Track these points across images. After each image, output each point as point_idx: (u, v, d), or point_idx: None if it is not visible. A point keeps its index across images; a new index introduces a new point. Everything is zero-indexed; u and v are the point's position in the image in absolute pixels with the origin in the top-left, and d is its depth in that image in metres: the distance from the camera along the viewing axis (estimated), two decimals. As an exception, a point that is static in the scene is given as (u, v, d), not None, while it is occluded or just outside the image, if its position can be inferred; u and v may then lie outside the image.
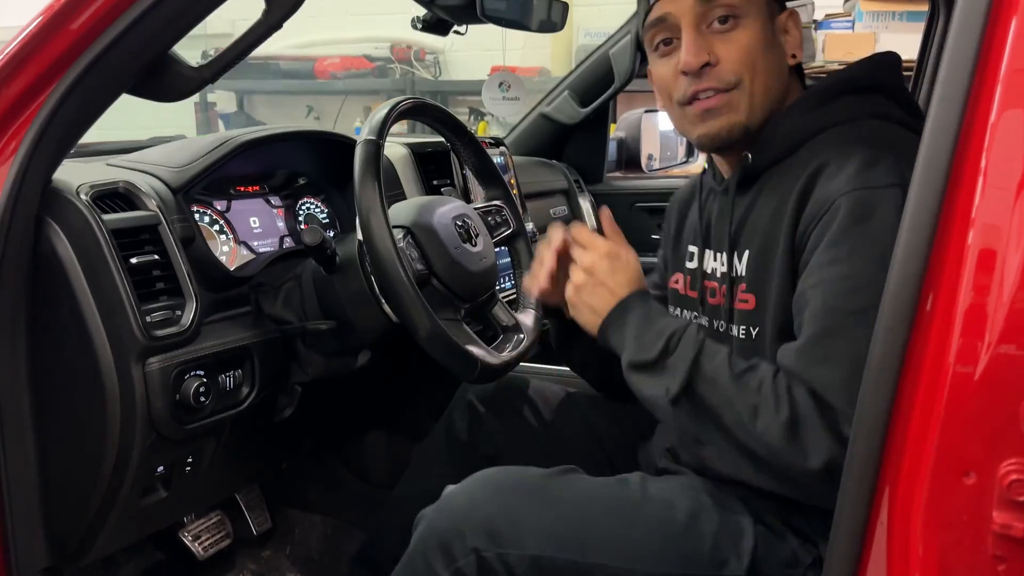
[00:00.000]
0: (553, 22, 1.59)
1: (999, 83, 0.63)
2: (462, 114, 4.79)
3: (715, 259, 1.06)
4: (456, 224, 1.18)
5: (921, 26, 1.93)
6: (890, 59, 1.04)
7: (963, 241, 0.63)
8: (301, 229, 1.38)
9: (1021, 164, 0.63)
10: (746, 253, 1.00)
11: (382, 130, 1.08)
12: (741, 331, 1.00)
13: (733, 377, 0.88)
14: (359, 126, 4.76)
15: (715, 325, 1.05)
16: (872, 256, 0.83)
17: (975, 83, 0.64)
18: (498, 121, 3.14)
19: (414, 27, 1.67)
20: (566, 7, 1.60)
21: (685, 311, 1.13)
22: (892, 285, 0.65)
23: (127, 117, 1.01)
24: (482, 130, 3.80)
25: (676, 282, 1.16)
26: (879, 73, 1.02)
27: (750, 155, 1.01)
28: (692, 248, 1.13)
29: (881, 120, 0.97)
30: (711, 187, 1.12)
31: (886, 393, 0.63)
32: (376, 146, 1.06)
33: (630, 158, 2.83)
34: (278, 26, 0.98)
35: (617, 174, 2.65)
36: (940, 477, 0.60)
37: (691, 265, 1.13)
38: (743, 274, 1.00)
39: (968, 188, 0.64)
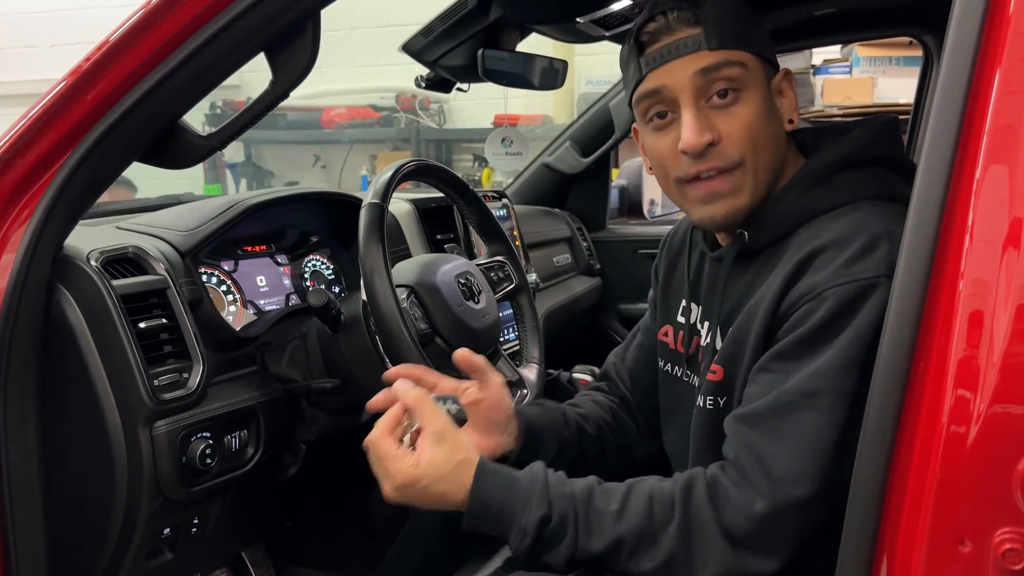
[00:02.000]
0: (554, 79, 1.63)
1: (984, 138, 0.64)
2: (466, 161, 4.85)
3: (704, 328, 1.04)
4: (459, 282, 1.19)
5: (917, 70, 1.97)
6: (889, 128, 0.99)
7: (953, 302, 0.64)
8: (308, 288, 1.40)
9: (1007, 220, 0.63)
10: (729, 330, 0.97)
11: (386, 193, 1.10)
12: (708, 401, 0.98)
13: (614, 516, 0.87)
14: (365, 174, 4.82)
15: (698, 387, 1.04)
16: (845, 352, 0.82)
17: (961, 139, 0.66)
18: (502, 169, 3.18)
19: (418, 85, 1.71)
20: (566, 64, 1.64)
21: (675, 366, 1.12)
22: (884, 351, 0.67)
23: (139, 167, 1.04)
24: (486, 177, 3.84)
25: (665, 335, 1.14)
26: (879, 144, 0.97)
27: (746, 234, 0.97)
28: (684, 303, 1.11)
29: (882, 201, 0.92)
30: (702, 248, 1.09)
31: (881, 459, 0.64)
32: (380, 209, 1.08)
33: (632, 205, 2.86)
34: (285, 96, 1.00)
35: (619, 221, 2.69)
36: (936, 545, 0.61)
37: (682, 320, 1.11)
38: (719, 348, 0.98)
39: (956, 246, 0.65)
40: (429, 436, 0.91)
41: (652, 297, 1.23)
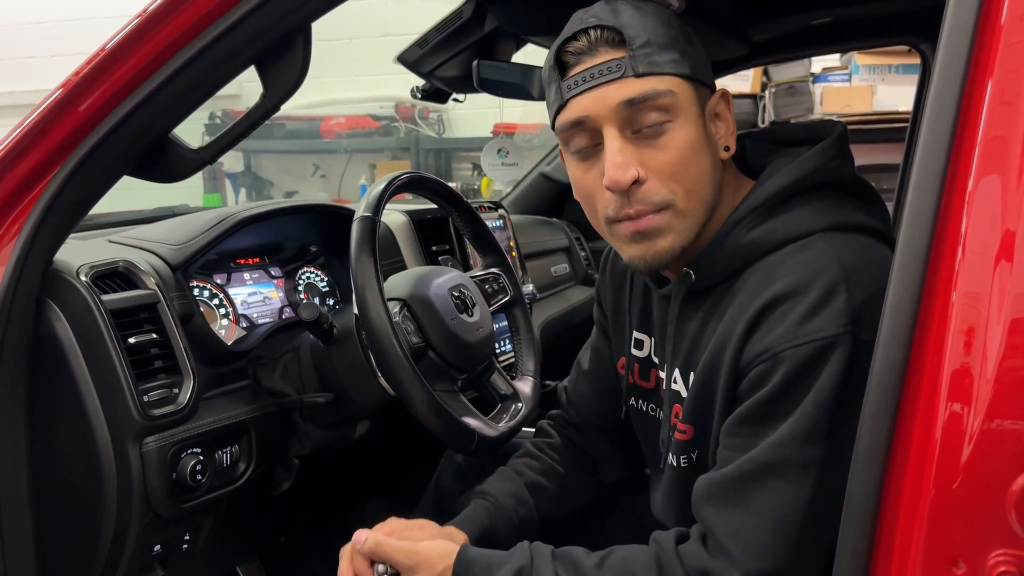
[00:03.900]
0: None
1: (976, 150, 0.64)
2: (466, 170, 4.85)
3: (663, 369, 1.01)
4: (452, 295, 1.19)
5: (916, 78, 1.96)
6: (840, 145, 0.92)
7: (945, 315, 0.63)
8: (301, 301, 1.39)
9: (1000, 232, 0.63)
10: (691, 376, 0.92)
11: (378, 206, 1.10)
12: (682, 460, 0.96)
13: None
14: (364, 183, 4.82)
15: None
16: (806, 421, 0.78)
17: (953, 151, 0.65)
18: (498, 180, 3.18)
19: (414, 96, 1.71)
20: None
21: (640, 401, 1.09)
22: (876, 367, 0.66)
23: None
24: (485, 186, 3.84)
25: (623, 367, 1.11)
26: (831, 167, 0.90)
27: (693, 274, 0.92)
28: (639, 335, 1.07)
29: (836, 232, 0.86)
30: (646, 280, 1.04)
31: (874, 479, 0.63)
32: (372, 222, 1.08)
33: (631, 214, 2.85)
34: (275, 109, 1.00)
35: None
36: (930, 567, 0.60)
37: (639, 353, 1.07)
38: (685, 398, 0.94)
39: (949, 258, 0.64)
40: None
41: (599, 318, 1.20)
